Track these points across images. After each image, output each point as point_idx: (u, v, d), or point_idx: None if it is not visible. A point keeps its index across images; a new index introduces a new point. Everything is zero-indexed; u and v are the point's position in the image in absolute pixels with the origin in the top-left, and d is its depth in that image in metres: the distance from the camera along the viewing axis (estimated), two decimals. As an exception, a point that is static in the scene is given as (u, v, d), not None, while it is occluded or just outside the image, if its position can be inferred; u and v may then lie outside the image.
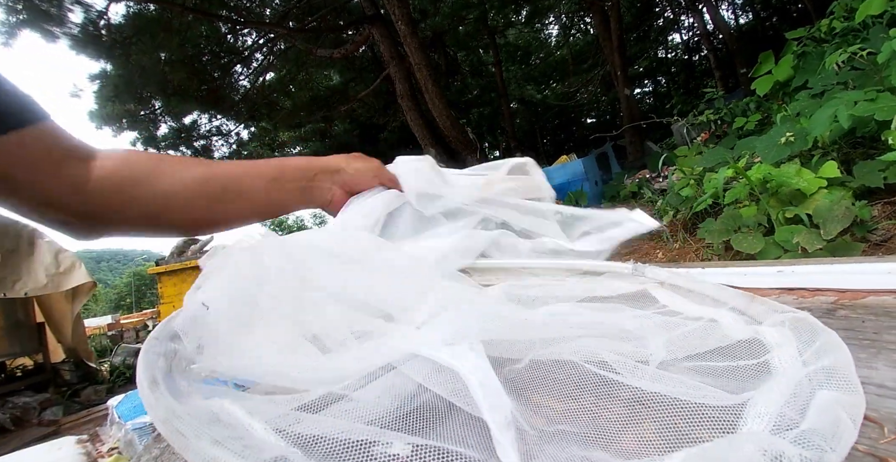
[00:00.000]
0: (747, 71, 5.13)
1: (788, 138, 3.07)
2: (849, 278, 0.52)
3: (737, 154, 3.69)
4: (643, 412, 0.33)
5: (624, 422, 0.32)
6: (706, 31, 14.29)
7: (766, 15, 17.60)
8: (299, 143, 17.07)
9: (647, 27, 19.25)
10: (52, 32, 7.97)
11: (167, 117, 11.64)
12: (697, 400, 0.31)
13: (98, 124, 10.35)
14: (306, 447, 0.27)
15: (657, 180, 6.92)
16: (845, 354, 0.33)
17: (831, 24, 4.08)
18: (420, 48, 8.44)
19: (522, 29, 18.18)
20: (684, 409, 0.32)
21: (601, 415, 0.33)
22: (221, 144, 13.72)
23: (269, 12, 10.85)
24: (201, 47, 9.95)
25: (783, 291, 0.55)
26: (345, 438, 0.27)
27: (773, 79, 4.41)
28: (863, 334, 0.40)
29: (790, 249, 2.53)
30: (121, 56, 8.93)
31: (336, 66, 13.64)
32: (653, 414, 0.32)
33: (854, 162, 2.87)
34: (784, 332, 0.38)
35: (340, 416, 0.30)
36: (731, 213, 3.04)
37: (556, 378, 0.37)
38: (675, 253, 3.70)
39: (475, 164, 4.18)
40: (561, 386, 0.37)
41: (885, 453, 0.26)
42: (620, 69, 10.78)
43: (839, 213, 2.44)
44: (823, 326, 0.37)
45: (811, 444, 0.24)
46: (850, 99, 2.76)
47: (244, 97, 11.83)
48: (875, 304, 0.46)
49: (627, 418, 0.33)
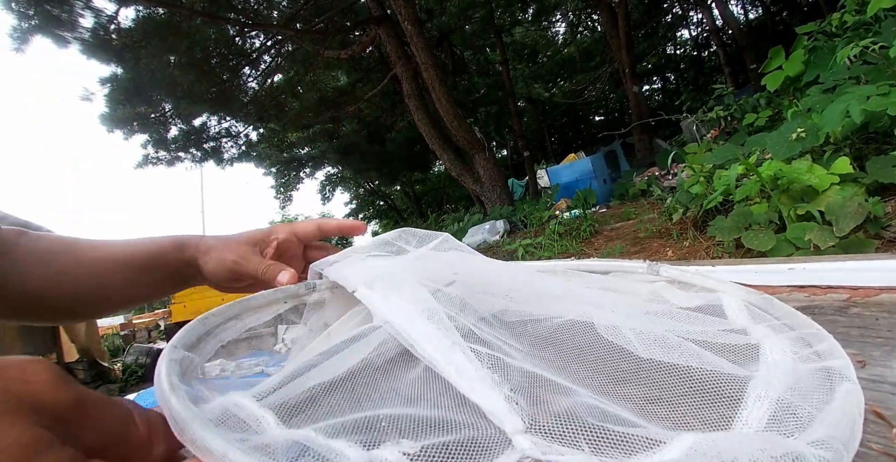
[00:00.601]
0: (757, 66, 5.09)
1: (800, 134, 3.04)
2: (861, 275, 0.52)
3: (747, 151, 3.66)
4: (646, 377, 0.33)
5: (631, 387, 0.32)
6: (715, 27, 14.18)
7: (776, 9, 17.39)
8: (307, 143, 17.15)
9: (656, 23, 19.10)
10: (63, 37, 8.06)
11: (177, 120, 11.74)
12: (707, 366, 0.32)
13: (109, 127, 10.47)
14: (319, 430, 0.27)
15: (666, 178, 6.88)
16: (843, 354, 0.33)
17: (842, 17, 4.02)
18: (426, 48, 8.45)
19: (529, 27, 18.12)
20: (691, 380, 0.32)
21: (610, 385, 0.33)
22: (231, 146, 13.82)
23: (277, 14, 10.91)
24: (210, 50, 10.01)
25: (794, 289, 0.55)
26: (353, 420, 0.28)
27: (784, 74, 4.36)
28: (876, 332, 0.39)
29: (802, 247, 2.51)
30: (131, 59, 9.01)
31: (343, 67, 13.69)
32: (653, 380, 0.32)
33: (867, 157, 2.83)
34: (787, 332, 0.38)
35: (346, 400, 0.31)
36: (742, 210, 3.02)
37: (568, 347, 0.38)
38: (685, 251, 3.67)
39: (483, 163, 4.23)
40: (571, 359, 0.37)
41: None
42: (628, 66, 10.72)
43: (852, 209, 2.41)
44: (827, 333, 0.36)
45: (828, 446, 0.24)
46: (863, 93, 2.73)
47: (253, 99, 11.90)
48: (889, 301, 0.45)
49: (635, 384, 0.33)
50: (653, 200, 5.90)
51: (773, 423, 0.27)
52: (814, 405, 0.28)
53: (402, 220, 22.35)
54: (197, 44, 9.34)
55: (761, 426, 0.27)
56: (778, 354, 0.34)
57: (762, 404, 0.28)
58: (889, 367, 0.34)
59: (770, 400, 0.28)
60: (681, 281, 0.52)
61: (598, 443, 0.26)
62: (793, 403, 0.28)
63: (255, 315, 0.44)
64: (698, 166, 4.15)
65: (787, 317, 0.40)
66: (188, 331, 0.36)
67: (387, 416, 0.30)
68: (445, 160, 9.60)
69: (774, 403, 0.28)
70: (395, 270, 0.45)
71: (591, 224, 5.86)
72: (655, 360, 0.35)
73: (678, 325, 0.39)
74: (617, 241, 4.98)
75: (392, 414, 0.29)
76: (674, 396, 0.32)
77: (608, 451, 0.25)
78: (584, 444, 0.26)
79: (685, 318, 0.41)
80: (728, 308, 0.44)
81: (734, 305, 0.44)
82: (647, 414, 0.29)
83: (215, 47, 10.12)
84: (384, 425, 0.30)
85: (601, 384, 0.35)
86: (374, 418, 0.29)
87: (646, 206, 5.99)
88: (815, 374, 0.31)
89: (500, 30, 13.67)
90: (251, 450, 0.23)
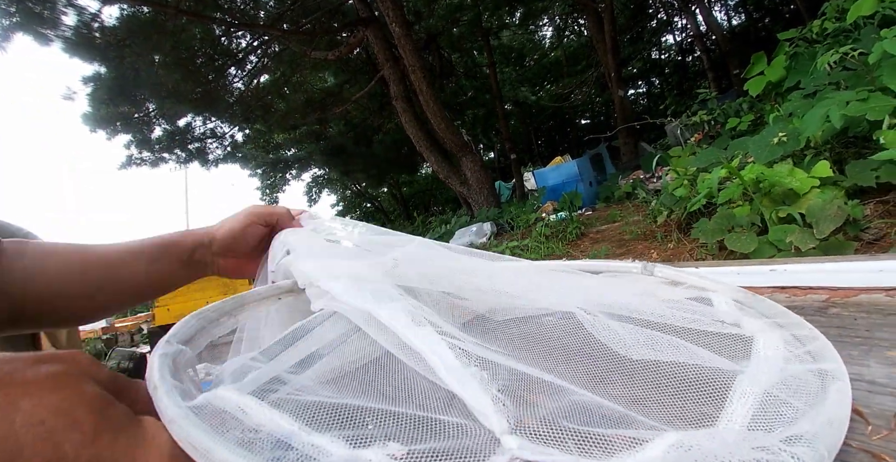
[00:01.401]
0: (740, 72, 5.16)
1: (781, 138, 3.09)
2: (840, 277, 0.53)
3: (730, 154, 3.71)
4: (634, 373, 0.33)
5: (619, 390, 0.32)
6: (699, 33, 14.36)
7: (759, 16, 17.69)
8: (294, 144, 17.02)
9: (641, 28, 19.33)
10: (45, 35, 7.91)
11: (161, 120, 11.57)
12: (695, 361, 0.32)
13: (92, 127, 10.30)
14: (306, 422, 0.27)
15: (651, 181, 6.95)
16: (835, 355, 0.33)
17: (823, 24, 4.10)
18: (414, 50, 8.44)
19: (516, 31, 18.21)
20: (677, 377, 0.32)
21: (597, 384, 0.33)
22: (216, 147, 13.66)
23: (264, 14, 10.82)
24: (195, 49, 9.90)
25: (776, 290, 0.56)
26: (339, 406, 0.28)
27: (766, 79, 4.44)
28: (855, 332, 0.40)
29: (783, 249, 2.54)
30: (114, 58, 8.88)
31: (330, 68, 13.62)
32: (639, 378, 0.33)
33: (846, 161, 2.89)
34: (780, 331, 0.38)
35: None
36: (725, 212, 3.06)
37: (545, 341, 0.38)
38: (670, 253, 3.71)
39: (470, 166, 4.21)
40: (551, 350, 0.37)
41: (878, 449, 0.26)
42: (614, 70, 10.82)
43: (832, 212, 2.45)
44: (819, 333, 0.37)
45: (809, 444, 0.24)
46: (842, 99, 2.78)
47: (239, 99, 11.79)
48: (867, 302, 0.46)
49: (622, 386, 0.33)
50: (638, 203, 5.96)
51: (757, 420, 0.27)
52: (804, 402, 0.29)
53: (389, 221, 22.25)
54: (182, 43, 9.23)
55: (745, 422, 0.27)
56: (771, 350, 0.34)
57: (746, 401, 0.29)
58: (866, 365, 0.35)
59: (755, 396, 0.29)
60: (676, 281, 0.52)
61: (584, 443, 0.26)
62: (780, 400, 0.29)
63: (247, 311, 0.44)
64: (682, 169, 4.20)
65: (780, 316, 0.41)
66: (183, 325, 0.37)
67: (373, 415, 0.30)
68: (433, 162, 9.59)
69: (760, 400, 0.29)
70: (366, 272, 0.45)
71: (578, 226, 5.90)
72: (639, 359, 0.35)
73: (670, 312, 0.40)
74: (603, 244, 5.02)
75: (376, 409, 0.29)
76: (661, 395, 0.32)
77: (593, 451, 0.25)
78: (570, 443, 0.26)
79: (677, 305, 0.42)
80: (722, 304, 0.44)
81: (727, 302, 0.44)
82: (633, 411, 0.30)
83: (201, 47, 10.01)
84: (370, 428, 0.30)
85: (587, 383, 0.35)
86: (359, 413, 0.29)
87: (631, 209, 6.04)
88: (806, 374, 0.32)
89: (487, 33, 13.72)
90: (235, 446, 0.23)
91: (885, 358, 0.35)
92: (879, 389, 0.31)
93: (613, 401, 0.31)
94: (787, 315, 0.40)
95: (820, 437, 0.24)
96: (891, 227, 2.51)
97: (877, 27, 3.30)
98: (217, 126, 13.32)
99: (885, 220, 2.55)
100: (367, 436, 0.27)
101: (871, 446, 0.26)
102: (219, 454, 0.22)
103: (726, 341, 0.38)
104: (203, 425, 0.24)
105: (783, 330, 0.38)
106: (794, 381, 0.31)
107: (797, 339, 0.37)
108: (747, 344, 0.37)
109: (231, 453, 0.22)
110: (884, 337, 0.38)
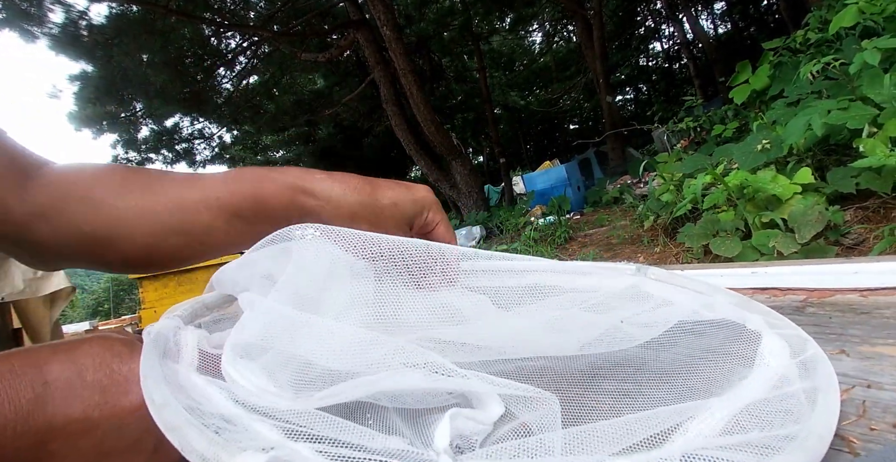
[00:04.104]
0: (726, 79, 5.25)
1: (765, 145, 3.15)
2: (818, 278, 0.55)
3: (715, 161, 3.78)
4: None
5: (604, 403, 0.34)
6: (686, 41, 14.59)
7: (745, 25, 18.04)
8: (283, 146, 16.97)
9: (629, 35, 19.57)
10: (31, 32, 7.83)
11: (148, 120, 11.49)
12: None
13: (77, 126, 10.19)
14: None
15: (638, 186, 7.03)
16: (828, 366, 0.33)
17: (806, 35, 4.20)
18: (405, 53, 8.46)
19: (507, 36, 18.32)
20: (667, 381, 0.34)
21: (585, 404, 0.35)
22: (204, 148, 13.59)
23: (254, 15, 10.80)
24: (184, 49, 9.85)
25: (757, 291, 0.58)
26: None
27: (751, 88, 4.52)
28: (829, 329, 0.43)
29: (766, 253, 2.60)
30: (102, 57, 8.80)
31: (320, 70, 13.62)
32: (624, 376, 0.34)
33: (827, 168, 2.96)
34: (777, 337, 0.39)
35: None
36: (710, 217, 3.11)
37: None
38: (656, 256, 3.76)
39: (460, 169, 4.20)
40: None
41: (845, 433, 0.28)
42: (602, 77, 10.92)
43: (813, 217, 2.51)
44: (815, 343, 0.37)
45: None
46: (824, 108, 2.85)
47: (227, 100, 11.74)
48: (841, 301, 0.49)
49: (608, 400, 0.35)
50: (625, 208, 6.02)
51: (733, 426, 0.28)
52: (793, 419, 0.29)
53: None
54: (171, 43, 9.17)
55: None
56: (776, 359, 0.33)
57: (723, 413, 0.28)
58: (839, 360, 0.37)
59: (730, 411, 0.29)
60: (670, 283, 0.53)
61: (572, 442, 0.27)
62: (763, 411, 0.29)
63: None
64: (669, 175, 4.26)
65: (776, 319, 0.41)
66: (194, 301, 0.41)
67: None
68: (423, 166, 9.61)
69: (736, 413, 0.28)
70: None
71: (566, 230, 5.95)
72: (625, 363, 0.36)
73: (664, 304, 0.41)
74: (591, 247, 5.07)
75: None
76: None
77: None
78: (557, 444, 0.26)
79: (673, 295, 0.43)
80: (722, 304, 0.45)
81: (723, 302, 0.45)
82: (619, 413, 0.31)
83: (190, 47, 9.96)
84: (370, 423, 0.31)
85: (570, 386, 0.36)
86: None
87: (618, 213, 6.11)
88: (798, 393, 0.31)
89: (477, 37, 13.78)
90: (203, 427, 0.24)
91: (858, 352, 0.38)
92: (850, 381, 0.34)
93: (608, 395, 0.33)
94: (780, 318, 0.41)
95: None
96: (870, 232, 2.57)
97: (858, 38, 3.39)
98: (205, 127, 13.26)
99: (865, 226, 2.62)
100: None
101: (841, 430, 0.28)
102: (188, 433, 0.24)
103: (733, 321, 0.39)
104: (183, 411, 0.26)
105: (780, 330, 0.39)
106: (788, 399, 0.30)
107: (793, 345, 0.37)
108: (756, 338, 0.37)
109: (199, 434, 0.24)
110: (856, 334, 0.41)
